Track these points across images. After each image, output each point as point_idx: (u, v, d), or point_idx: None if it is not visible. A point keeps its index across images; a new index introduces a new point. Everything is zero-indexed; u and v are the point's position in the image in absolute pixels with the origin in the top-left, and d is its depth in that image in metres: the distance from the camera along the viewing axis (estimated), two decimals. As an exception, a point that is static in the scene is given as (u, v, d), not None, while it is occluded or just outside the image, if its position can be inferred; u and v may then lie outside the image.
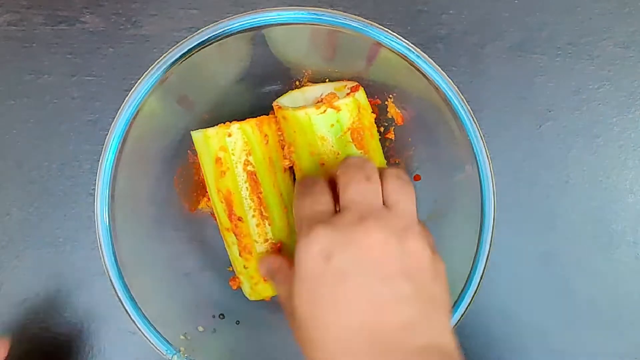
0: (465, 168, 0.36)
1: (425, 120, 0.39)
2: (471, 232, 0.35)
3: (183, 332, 0.37)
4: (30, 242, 0.44)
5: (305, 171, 0.38)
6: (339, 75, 0.40)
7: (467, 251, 0.35)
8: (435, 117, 0.37)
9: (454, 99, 0.35)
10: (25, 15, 0.45)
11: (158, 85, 0.34)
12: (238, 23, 0.34)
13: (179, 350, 0.35)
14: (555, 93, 0.47)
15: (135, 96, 0.34)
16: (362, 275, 0.28)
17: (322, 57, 0.39)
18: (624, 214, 0.46)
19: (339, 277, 0.28)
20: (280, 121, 0.38)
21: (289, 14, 0.34)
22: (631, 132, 0.47)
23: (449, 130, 0.36)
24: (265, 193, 0.37)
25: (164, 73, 0.34)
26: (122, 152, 0.35)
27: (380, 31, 0.34)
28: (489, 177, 0.35)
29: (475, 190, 0.35)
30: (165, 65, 0.34)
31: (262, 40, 0.36)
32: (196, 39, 0.34)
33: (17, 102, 0.45)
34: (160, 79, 0.34)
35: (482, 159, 0.35)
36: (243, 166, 0.37)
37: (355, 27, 0.34)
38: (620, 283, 0.46)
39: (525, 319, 0.46)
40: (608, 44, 0.47)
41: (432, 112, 0.37)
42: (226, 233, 0.39)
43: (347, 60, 0.39)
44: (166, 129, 0.39)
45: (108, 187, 0.34)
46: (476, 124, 0.35)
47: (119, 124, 0.34)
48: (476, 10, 0.47)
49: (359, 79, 0.39)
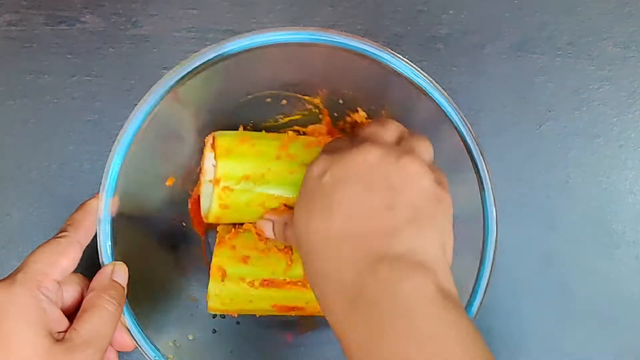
0: (463, 172, 0.36)
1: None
2: (474, 236, 0.35)
3: (172, 339, 0.37)
4: (30, 242, 0.44)
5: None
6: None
7: (471, 256, 0.35)
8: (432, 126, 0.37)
9: (446, 105, 0.35)
10: (25, 15, 0.45)
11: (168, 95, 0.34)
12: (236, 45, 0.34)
13: (167, 357, 0.34)
14: (555, 93, 0.47)
15: (145, 106, 0.34)
16: (353, 183, 0.29)
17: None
18: (624, 214, 0.46)
19: (330, 187, 0.29)
20: None
21: (290, 34, 0.34)
22: (631, 132, 0.47)
23: (445, 134, 0.36)
24: None
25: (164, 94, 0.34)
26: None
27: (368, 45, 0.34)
28: (488, 181, 0.35)
29: (475, 193, 0.35)
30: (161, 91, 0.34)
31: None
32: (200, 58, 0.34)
33: (17, 102, 0.45)
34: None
35: (481, 166, 0.35)
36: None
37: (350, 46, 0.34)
38: (620, 283, 0.46)
39: (525, 319, 0.46)
40: (608, 44, 0.47)
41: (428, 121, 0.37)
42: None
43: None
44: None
45: (113, 190, 0.34)
46: (469, 127, 0.35)
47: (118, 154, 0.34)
48: (476, 10, 0.47)
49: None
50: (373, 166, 0.29)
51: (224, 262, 0.40)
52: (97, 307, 0.31)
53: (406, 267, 0.27)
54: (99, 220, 0.33)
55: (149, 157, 0.37)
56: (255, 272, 0.40)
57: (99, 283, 0.33)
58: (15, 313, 0.29)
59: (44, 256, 0.31)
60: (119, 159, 0.34)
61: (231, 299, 0.39)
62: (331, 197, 0.29)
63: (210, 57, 0.34)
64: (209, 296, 0.39)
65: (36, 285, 0.30)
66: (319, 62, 0.37)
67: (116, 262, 0.34)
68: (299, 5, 0.46)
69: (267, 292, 0.39)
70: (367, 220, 0.28)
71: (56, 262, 0.31)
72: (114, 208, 0.34)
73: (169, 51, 0.45)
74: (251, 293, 0.39)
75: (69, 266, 0.32)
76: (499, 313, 0.45)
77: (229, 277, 0.39)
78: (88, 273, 0.34)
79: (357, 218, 0.28)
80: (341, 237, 0.28)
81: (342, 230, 0.28)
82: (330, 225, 0.29)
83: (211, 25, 0.46)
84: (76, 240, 0.33)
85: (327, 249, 0.29)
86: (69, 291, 0.33)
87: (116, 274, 0.33)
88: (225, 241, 0.41)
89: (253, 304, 0.40)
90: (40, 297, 0.30)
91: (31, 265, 0.31)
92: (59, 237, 0.32)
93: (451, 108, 0.34)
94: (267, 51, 0.34)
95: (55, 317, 0.30)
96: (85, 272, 0.34)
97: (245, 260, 0.40)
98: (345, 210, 0.29)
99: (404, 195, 0.29)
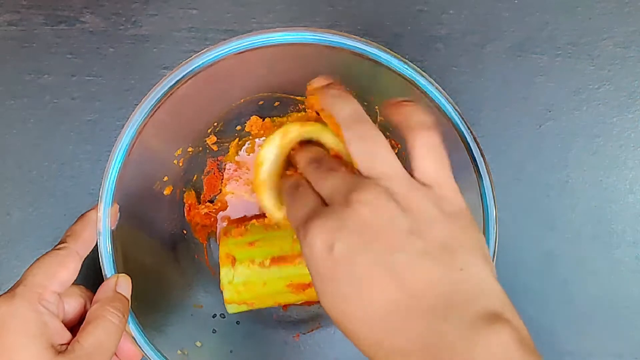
0: (464, 172, 0.36)
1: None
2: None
3: (181, 347, 0.37)
4: (30, 242, 0.44)
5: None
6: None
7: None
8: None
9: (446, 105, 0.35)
10: (25, 15, 0.45)
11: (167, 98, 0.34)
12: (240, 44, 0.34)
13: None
14: (555, 93, 0.47)
15: (147, 104, 0.34)
16: (367, 250, 0.26)
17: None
18: (624, 214, 0.46)
19: (348, 260, 0.26)
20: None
21: (293, 34, 0.34)
22: (631, 132, 0.47)
23: (445, 134, 0.36)
24: None
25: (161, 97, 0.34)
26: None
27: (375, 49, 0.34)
28: (488, 181, 0.35)
29: (475, 193, 0.35)
30: (158, 95, 0.34)
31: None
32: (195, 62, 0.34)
33: (17, 102, 0.45)
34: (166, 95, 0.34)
35: (481, 166, 0.35)
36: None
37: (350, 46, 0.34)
38: (620, 283, 0.46)
39: (525, 319, 0.46)
40: (608, 44, 0.47)
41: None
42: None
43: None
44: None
45: (112, 192, 0.34)
46: (469, 127, 0.35)
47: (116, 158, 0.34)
48: (476, 10, 0.47)
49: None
50: (377, 224, 0.26)
51: (231, 249, 0.40)
52: (100, 319, 0.31)
53: (474, 322, 0.24)
54: (99, 231, 0.33)
55: (147, 164, 0.37)
56: (264, 252, 0.40)
57: (103, 295, 0.33)
58: (16, 326, 0.29)
59: (43, 268, 0.31)
60: (116, 167, 0.34)
61: (245, 285, 0.39)
62: (355, 269, 0.26)
63: (210, 58, 0.34)
64: (223, 286, 0.39)
65: (36, 298, 0.30)
66: (319, 62, 0.37)
67: (120, 274, 0.34)
68: (299, 5, 0.46)
69: (280, 270, 0.39)
70: (400, 280, 0.25)
71: (55, 273, 0.31)
72: (113, 217, 0.34)
73: (169, 51, 0.45)
74: (264, 274, 0.39)
75: (68, 278, 0.32)
76: (499, 313, 0.45)
77: (239, 261, 0.39)
78: (87, 283, 0.34)
79: (390, 285, 0.25)
80: (383, 311, 0.25)
81: (381, 304, 0.25)
82: (367, 307, 0.26)
83: (211, 25, 0.46)
84: (75, 251, 0.33)
85: (372, 325, 0.26)
86: (70, 303, 0.33)
87: (120, 285, 0.33)
88: (229, 233, 0.41)
89: (267, 286, 0.39)
90: (40, 310, 0.30)
91: (30, 278, 0.31)
92: (58, 249, 0.32)
93: (451, 108, 0.34)
94: (267, 51, 0.34)
95: (57, 330, 0.30)
96: (83, 282, 0.34)
97: (252, 244, 0.40)
98: (376, 284, 0.26)
99: (430, 237, 0.26)
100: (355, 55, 0.34)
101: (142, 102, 0.33)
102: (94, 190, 0.45)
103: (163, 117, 0.35)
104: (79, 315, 0.33)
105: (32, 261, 0.32)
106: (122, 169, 0.34)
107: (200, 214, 0.43)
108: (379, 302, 0.25)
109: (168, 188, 0.40)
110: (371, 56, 0.34)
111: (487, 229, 0.35)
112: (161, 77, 0.34)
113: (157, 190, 0.40)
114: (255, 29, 0.46)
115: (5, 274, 0.44)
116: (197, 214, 0.43)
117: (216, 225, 0.44)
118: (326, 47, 0.34)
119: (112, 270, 0.34)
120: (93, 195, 0.45)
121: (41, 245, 0.44)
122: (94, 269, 0.33)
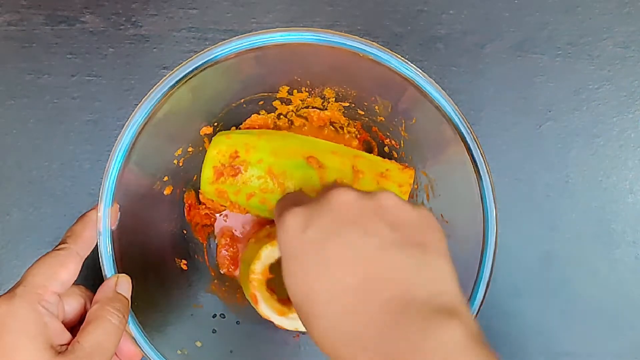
0: (464, 172, 0.36)
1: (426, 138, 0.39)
2: (475, 236, 0.35)
3: (181, 347, 0.37)
4: (30, 242, 0.44)
5: None
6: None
7: (471, 256, 0.35)
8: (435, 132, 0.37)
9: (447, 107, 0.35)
10: (25, 15, 0.45)
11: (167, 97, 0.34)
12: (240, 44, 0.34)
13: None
14: (555, 93, 0.47)
15: (147, 104, 0.34)
16: (341, 234, 0.27)
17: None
18: (624, 214, 0.46)
19: (319, 244, 0.27)
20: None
21: (293, 34, 0.34)
22: (631, 132, 0.47)
23: (445, 134, 0.36)
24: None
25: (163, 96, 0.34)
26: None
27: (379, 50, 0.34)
28: (488, 181, 0.35)
29: (475, 193, 0.35)
30: (160, 93, 0.34)
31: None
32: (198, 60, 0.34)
33: (17, 102, 0.45)
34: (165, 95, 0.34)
35: (481, 166, 0.35)
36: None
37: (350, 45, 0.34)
38: (620, 283, 0.46)
39: (525, 319, 0.46)
40: (608, 44, 0.47)
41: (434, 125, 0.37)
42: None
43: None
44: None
45: (112, 192, 0.34)
46: (469, 127, 0.34)
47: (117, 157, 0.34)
48: (476, 10, 0.47)
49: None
50: (354, 212, 0.28)
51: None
52: (100, 319, 0.31)
53: (430, 316, 0.25)
54: (99, 231, 0.33)
55: (147, 164, 0.37)
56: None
57: (103, 295, 0.33)
58: (16, 327, 0.29)
59: (43, 269, 0.31)
60: (116, 167, 0.34)
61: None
62: (326, 251, 0.27)
63: (210, 58, 0.34)
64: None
65: (36, 298, 0.30)
66: (318, 62, 0.37)
67: (120, 275, 0.34)
68: (299, 5, 0.46)
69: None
70: (368, 265, 0.26)
71: (55, 274, 0.31)
72: (113, 217, 0.34)
73: (169, 51, 0.45)
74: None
75: (68, 278, 0.32)
76: (499, 313, 0.45)
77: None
78: (87, 283, 0.34)
79: (356, 267, 0.26)
80: (345, 290, 0.26)
81: (344, 284, 0.26)
82: (330, 284, 0.26)
83: (211, 25, 0.46)
84: (75, 251, 0.32)
85: (333, 306, 0.26)
86: (71, 303, 0.33)
87: (120, 286, 0.33)
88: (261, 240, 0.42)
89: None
90: (40, 311, 0.30)
91: (30, 279, 0.31)
92: (58, 249, 0.32)
93: (451, 108, 0.34)
94: (266, 51, 0.34)
95: (57, 330, 0.30)
96: (83, 282, 0.34)
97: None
98: (342, 264, 0.27)
99: (401, 231, 0.27)
100: (355, 55, 0.34)
101: (142, 102, 0.33)
102: (94, 190, 0.45)
103: (163, 117, 0.35)
104: (79, 316, 0.33)
105: (32, 261, 0.32)
106: (122, 169, 0.34)
107: (200, 214, 0.43)
108: (343, 284, 0.26)
109: (168, 188, 0.40)
110: (371, 56, 0.34)
111: (487, 229, 0.35)
112: (161, 77, 0.34)
113: (157, 190, 0.40)
114: (255, 29, 0.46)
115: (5, 274, 0.44)
116: (197, 214, 0.43)
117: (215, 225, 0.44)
118: (326, 47, 0.34)
119: (112, 270, 0.34)
120: (93, 195, 0.45)
121: (41, 245, 0.44)
122: (94, 269, 0.33)
